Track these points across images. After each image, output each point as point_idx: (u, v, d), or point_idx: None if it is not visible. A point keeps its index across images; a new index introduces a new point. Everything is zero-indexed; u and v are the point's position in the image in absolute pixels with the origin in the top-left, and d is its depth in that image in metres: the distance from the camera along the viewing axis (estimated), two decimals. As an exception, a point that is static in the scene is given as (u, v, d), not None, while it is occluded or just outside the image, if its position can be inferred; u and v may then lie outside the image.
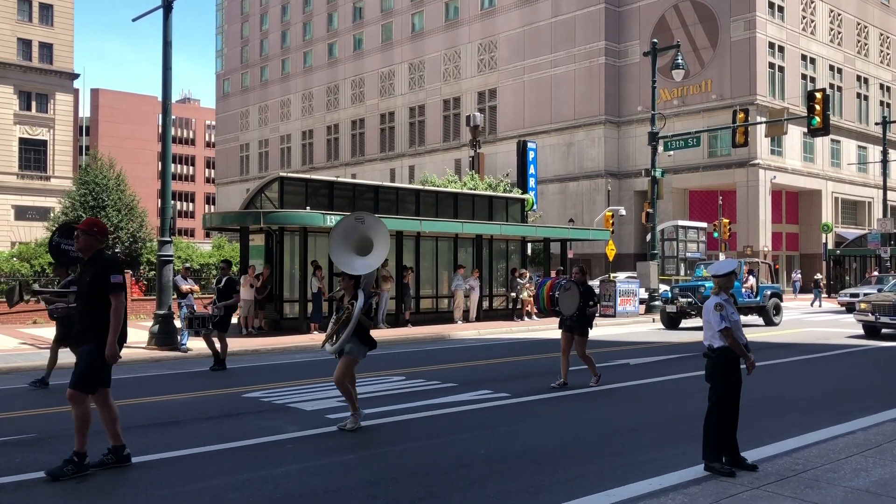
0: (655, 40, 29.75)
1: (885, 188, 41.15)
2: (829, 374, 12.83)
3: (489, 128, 54.35)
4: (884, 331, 18.71)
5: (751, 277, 23.10)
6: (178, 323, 16.17)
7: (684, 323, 22.75)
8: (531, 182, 37.73)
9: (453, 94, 58.87)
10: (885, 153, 40.60)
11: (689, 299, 21.74)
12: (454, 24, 58.94)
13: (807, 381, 12.06)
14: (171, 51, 16.79)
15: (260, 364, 14.46)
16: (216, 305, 13.49)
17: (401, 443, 7.72)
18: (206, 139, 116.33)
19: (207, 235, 72.61)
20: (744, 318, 22.77)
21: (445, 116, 59.50)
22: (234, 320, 22.01)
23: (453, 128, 58.53)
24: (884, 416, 8.79)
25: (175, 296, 16.59)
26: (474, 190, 30.91)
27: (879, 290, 24.67)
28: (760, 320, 23.38)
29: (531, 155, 38.14)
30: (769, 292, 23.25)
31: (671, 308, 22.22)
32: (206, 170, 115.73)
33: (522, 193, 31.71)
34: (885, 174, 41.15)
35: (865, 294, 24.43)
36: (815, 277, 38.41)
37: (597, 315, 11.73)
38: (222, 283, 13.76)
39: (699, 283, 22.52)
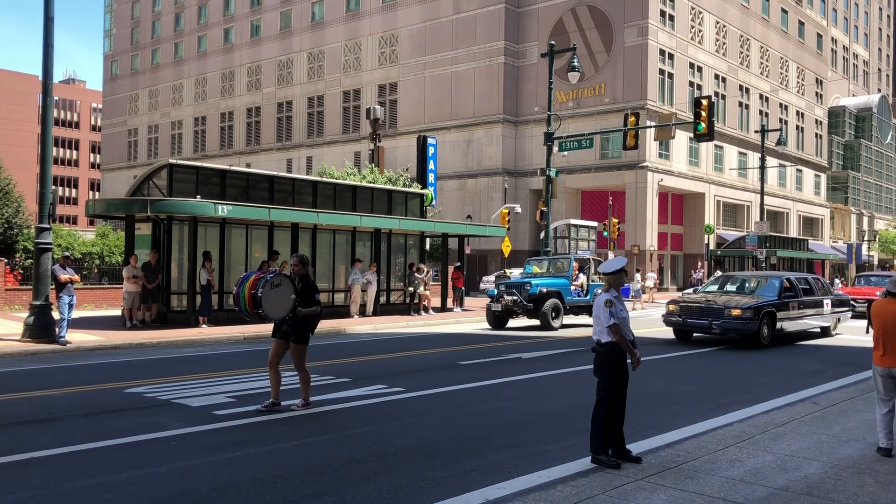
0: (553, 42, 30.36)
1: (762, 193, 43.53)
2: (710, 369, 13.43)
3: (389, 121, 54.17)
4: (695, 335, 17.38)
5: (581, 275, 21.59)
6: (56, 314, 15.35)
7: (512, 322, 21.63)
8: (431, 177, 37.82)
9: (353, 86, 58.32)
10: (762, 160, 42.95)
11: (515, 297, 20.26)
12: (355, 16, 58.40)
13: (689, 375, 12.59)
14: (52, 27, 15.83)
15: (145, 358, 13.89)
16: None
17: (291, 439, 7.56)
18: (93, 122, 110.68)
19: (91, 223, 69.31)
20: (574, 319, 22.15)
21: (345, 108, 58.89)
22: (118, 313, 21.08)
23: (353, 120, 58.00)
24: (757, 409, 9.28)
25: (53, 286, 15.72)
26: (373, 183, 30.71)
27: (695, 291, 23.97)
28: (590, 320, 22.90)
29: (431, 150, 38.23)
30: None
31: (496, 306, 20.62)
32: (92, 154, 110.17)
33: (422, 188, 31.76)
34: (762, 180, 43.54)
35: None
36: (716, 275, 40.14)
37: (319, 316, 9.17)
38: None
39: (526, 279, 21.17)
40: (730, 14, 53.94)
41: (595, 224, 40.11)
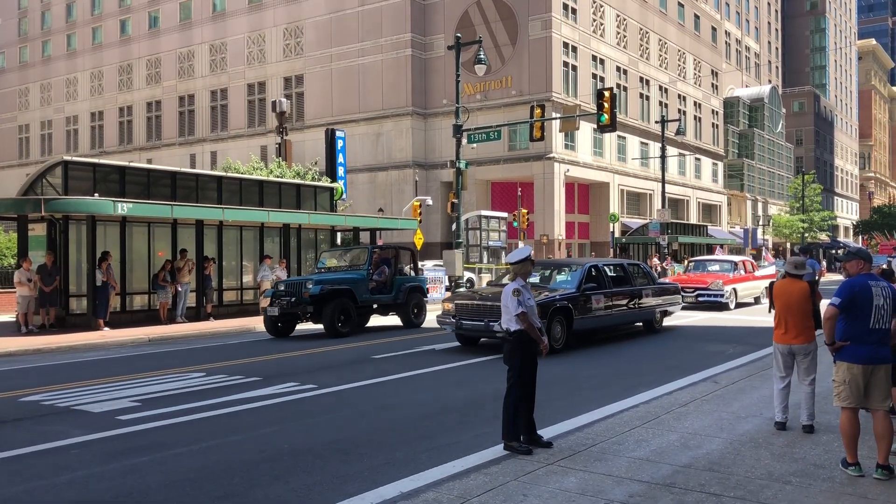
0: (459, 35, 30.50)
1: (663, 181, 45.03)
2: (615, 355, 13.81)
3: (296, 115, 53.30)
4: (482, 340, 14.36)
5: (385, 268, 18.44)
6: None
7: (300, 328, 17.80)
8: (340, 171, 37.43)
9: (258, 79, 57.11)
10: (663, 149, 44.42)
11: (292, 298, 16.52)
12: (258, 7, 57.14)
13: (593, 360, 12.91)
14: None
15: (42, 364, 13.25)
16: None
17: (199, 442, 7.36)
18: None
19: (-20, 225, 65.49)
20: (383, 320, 19.76)
21: (250, 101, 57.61)
22: (12, 318, 20.06)
23: (259, 113, 56.81)
24: (661, 391, 9.62)
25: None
26: (281, 178, 30.18)
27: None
28: (398, 321, 19.03)
29: (340, 143, 37.84)
30: (408, 286, 18.57)
31: (272, 310, 16.59)
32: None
33: (331, 182, 31.41)
34: (663, 169, 45.04)
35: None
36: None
37: None
38: None
39: (307, 277, 18.03)
40: (629, 8, 55.43)
41: (505, 215, 40.62)
